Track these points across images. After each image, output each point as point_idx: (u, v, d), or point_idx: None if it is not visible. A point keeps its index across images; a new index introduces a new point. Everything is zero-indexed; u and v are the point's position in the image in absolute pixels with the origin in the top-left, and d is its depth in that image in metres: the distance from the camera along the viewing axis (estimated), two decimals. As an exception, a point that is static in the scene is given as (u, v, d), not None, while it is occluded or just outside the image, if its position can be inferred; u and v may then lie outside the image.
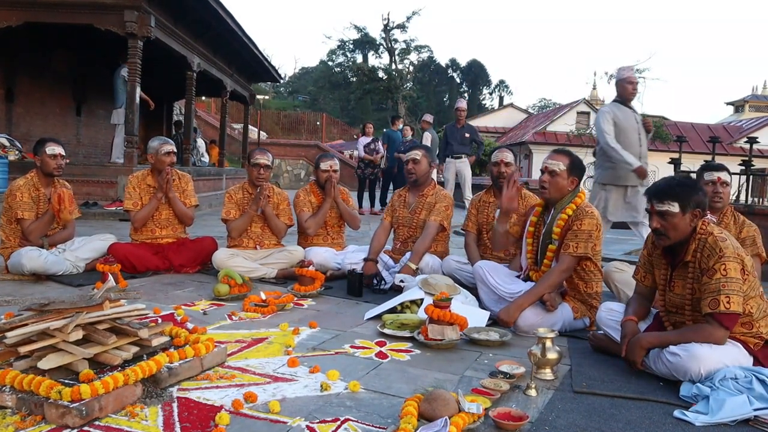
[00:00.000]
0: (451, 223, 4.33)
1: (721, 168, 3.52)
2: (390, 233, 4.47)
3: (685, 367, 2.25)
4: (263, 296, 3.45)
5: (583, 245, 3.04)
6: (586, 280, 3.16)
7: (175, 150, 4.46)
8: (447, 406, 1.86)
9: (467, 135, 9.18)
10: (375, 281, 4.01)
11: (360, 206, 10.28)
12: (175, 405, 1.97)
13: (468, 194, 9.11)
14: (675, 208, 2.37)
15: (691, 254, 2.40)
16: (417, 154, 4.28)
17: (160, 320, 2.85)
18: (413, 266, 3.96)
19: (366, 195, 10.88)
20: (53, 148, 4.05)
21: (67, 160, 4.20)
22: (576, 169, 3.19)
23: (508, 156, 4.09)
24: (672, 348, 2.33)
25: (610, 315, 2.76)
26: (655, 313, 2.72)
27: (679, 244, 2.44)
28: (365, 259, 4.21)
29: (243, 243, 4.37)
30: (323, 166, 4.56)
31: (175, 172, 4.48)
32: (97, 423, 1.81)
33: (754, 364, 2.30)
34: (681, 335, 2.37)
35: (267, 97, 39.35)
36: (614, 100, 5.10)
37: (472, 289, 3.62)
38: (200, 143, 14.56)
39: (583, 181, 3.29)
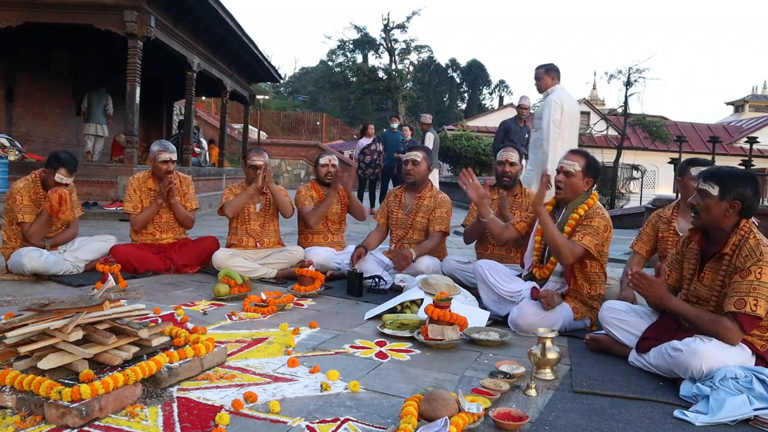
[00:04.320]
0: (450, 225, 4.36)
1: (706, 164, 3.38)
2: (385, 235, 4.49)
3: (687, 363, 2.25)
4: (263, 296, 3.45)
5: (589, 238, 3.03)
6: (591, 281, 3.17)
7: (175, 158, 4.40)
8: (447, 406, 1.86)
9: (527, 136, 8.23)
10: (375, 281, 4.01)
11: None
12: (175, 405, 1.97)
13: None
14: (714, 191, 2.38)
15: (730, 247, 2.37)
16: (417, 155, 4.26)
17: (160, 320, 2.85)
18: (413, 253, 4.03)
19: (366, 195, 10.88)
20: (61, 178, 3.94)
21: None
22: (591, 169, 3.19)
23: (513, 155, 4.07)
24: (675, 343, 2.33)
25: (612, 314, 2.75)
26: (658, 314, 2.71)
27: (718, 234, 2.42)
28: (356, 246, 4.28)
29: (243, 242, 4.37)
30: (322, 161, 4.61)
31: (176, 174, 4.45)
32: (97, 423, 1.81)
33: (757, 364, 2.29)
34: (698, 316, 2.34)
35: (267, 97, 39.33)
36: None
37: (472, 289, 3.62)
38: (203, 144, 14.56)
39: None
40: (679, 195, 3.51)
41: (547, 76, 5.08)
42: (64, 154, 4.06)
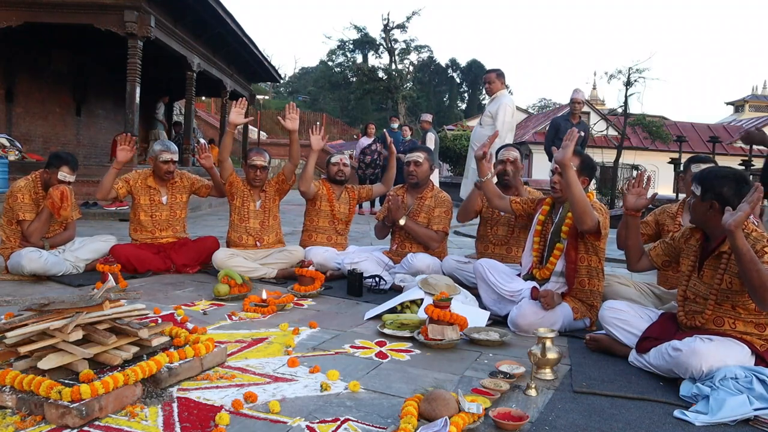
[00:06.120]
0: (450, 224, 4.36)
1: (708, 161, 3.46)
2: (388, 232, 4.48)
3: (687, 363, 2.25)
4: (264, 296, 3.45)
5: (597, 214, 2.99)
6: (591, 276, 3.16)
7: (176, 159, 4.45)
8: (447, 406, 1.86)
9: (583, 133, 7.16)
10: (375, 281, 4.01)
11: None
12: (175, 405, 1.97)
13: None
14: (697, 191, 2.47)
15: (728, 245, 2.35)
16: (419, 156, 4.28)
17: (160, 320, 2.85)
18: (405, 218, 4.16)
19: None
20: (65, 176, 3.97)
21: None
22: (587, 168, 3.20)
23: (514, 154, 4.07)
24: (675, 343, 2.34)
25: (612, 314, 2.74)
26: (660, 313, 2.72)
27: (714, 233, 2.44)
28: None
29: (243, 240, 4.38)
30: (334, 159, 4.71)
31: (177, 172, 4.51)
32: (97, 423, 1.81)
33: (757, 364, 2.29)
34: (762, 270, 2.15)
35: (267, 97, 39.33)
36: None
37: (472, 289, 3.62)
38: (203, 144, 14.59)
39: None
40: (680, 194, 3.55)
41: (498, 80, 5.66)
42: (65, 153, 4.16)
